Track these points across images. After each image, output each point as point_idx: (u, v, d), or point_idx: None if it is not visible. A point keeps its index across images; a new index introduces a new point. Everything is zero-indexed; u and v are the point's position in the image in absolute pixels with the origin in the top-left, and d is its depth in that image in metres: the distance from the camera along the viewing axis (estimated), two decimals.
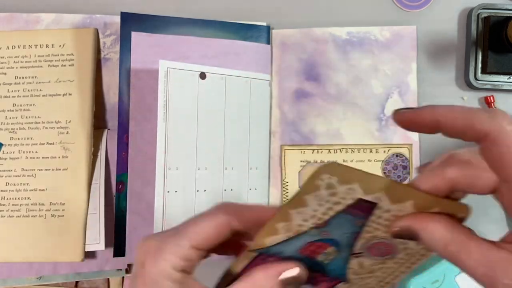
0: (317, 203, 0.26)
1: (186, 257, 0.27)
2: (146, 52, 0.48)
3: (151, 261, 0.27)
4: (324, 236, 0.28)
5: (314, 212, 0.26)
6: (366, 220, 0.26)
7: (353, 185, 0.25)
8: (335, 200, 0.26)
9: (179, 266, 0.27)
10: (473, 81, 0.50)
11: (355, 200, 0.25)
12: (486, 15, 0.50)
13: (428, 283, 0.46)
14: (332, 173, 0.25)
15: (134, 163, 0.47)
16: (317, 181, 0.25)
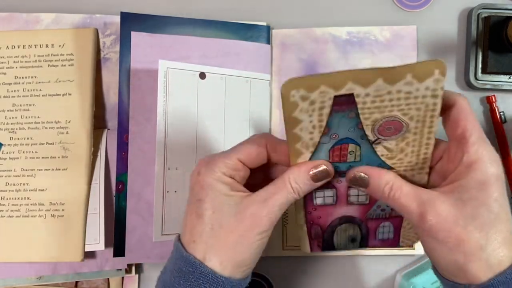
0: (307, 115, 0.29)
1: (234, 167, 0.32)
2: (146, 52, 0.48)
3: (206, 169, 0.32)
4: (336, 138, 0.31)
5: (311, 122, 0.30)
6: (356, 110, 0.29)
7: (321, 89, 0.28)
8: (319, 106, 0.29)
9: (228, 173, 0.32)
10: (473, 81, 0.50)
11: (333, 99, 0.28)
12: (486, 15, 0.50)
13: (428, 283, 0.46)
14: (296, 87, 0.28)
15: (134, 163, 0.47)
16: (291, 99, 0.28)
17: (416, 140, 0.31)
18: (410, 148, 0.32)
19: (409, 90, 0.28)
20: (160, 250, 0.47)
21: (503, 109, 0.51)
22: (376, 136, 0.31)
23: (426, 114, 0.30)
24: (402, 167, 0.33)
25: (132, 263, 0.49)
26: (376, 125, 0.30)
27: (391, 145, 0.31)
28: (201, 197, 0.32)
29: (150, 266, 0.51)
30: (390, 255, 0.51)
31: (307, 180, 0.32)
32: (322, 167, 0.32)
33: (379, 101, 0.29)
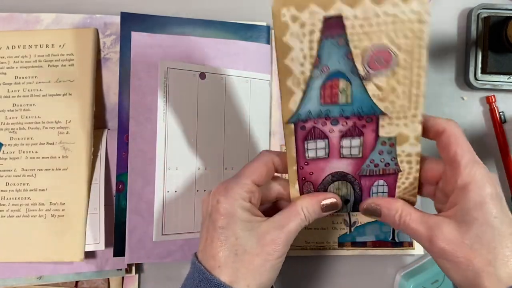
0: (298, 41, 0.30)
1: (251, 190, 0.35)
2: (146, 52, 0.48)
3: (225, 197, 0.34)
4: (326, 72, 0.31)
5: (302, 51, 0.30)
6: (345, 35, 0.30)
7: (311, 8, 0.29)
8: (309, 29, 0.29)
9: (247, 198, 0.34)
10: (473, 81, 0.50)
11: (322, 21, 0.29)
12: (486, 15, 0.50)
13: (428, 283, 0.46)
14: (286, 4, 0.28)
15: (134, 163, 0.47)
16: (282, 19, 0.29)
17: (406, 77, 0.31)
18: (401, 87, 0.31)
19: (395, 12, 0.29)
20: (160, 250, 0.47)
21: (503, 109, 0.51)
22: (366, 70, 0.31)
23: (413, 43, 0.30)
24: (394, 113, 0.32)
25: (132, 263, 0.49)
26: (365, 55, 0.30)
27: (382, 82, 0.31)
28: (223, 225, 0.34)
29: (150, 266, 0.51)
30: (390, 255, 0.51)
31: (318, 210, 0.35)
32: (332, 200, 0.35)
33: (367, 26, 0.29)
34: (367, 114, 0.32)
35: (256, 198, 0.36)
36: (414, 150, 0.34)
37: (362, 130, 0.33)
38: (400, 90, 0.31)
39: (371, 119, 0.33)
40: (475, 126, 0.52)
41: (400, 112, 0.32)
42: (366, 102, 0.32)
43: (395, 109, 0.32)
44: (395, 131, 0.33)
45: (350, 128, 0.33)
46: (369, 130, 0.33)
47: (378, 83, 0.31)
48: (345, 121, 0.33)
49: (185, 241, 0.48)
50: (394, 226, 0.34)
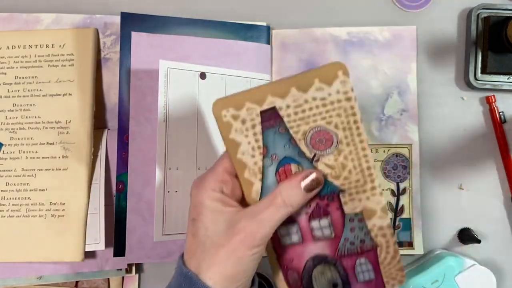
0: (243, 135, 0.32)
1: (221, 179, 0.33)
2: (146, 52, 0.48)
3: (197, 189, 0.33)
4: (277, 160, 0.33)
5: (249, 144, 0.33)
6: (283, 124, 0.32)
7: (247, 105, 0.32)
8: (250, 124, 0.32)
9: (218, 188, 0.33)
10: (473, 81, 0.50)
11: (260, 115, 0.32)
12: (486, 15, 0.50)
13: (428, 283, 0.46)
14: (225, 107, 0.32)
15: (134, 163, 0.47)
16: (224, 120, 0.32)
17: (352, 153, 0.33)
18: (351, 162, 0.33)
19: (322, 96, 0.32)
20: (160, 250, 0.47)
21: (503, 109, 0.51)
22: (313, 152, 0.33)
23: (349, 120, 0.32)
24: (352, 188, 0.33)
25: (132, 263, 0.49)
26: (307, 137, 0.33)
27: (331, 160, 0.33)
28: (195, 216, 0.33)
29: (150, 266, 0.51)
30: None
31: (299, 192, 0.32)
32: (313, 175, 0.32)
33: (301, 112, 0.32)
34: (326, 193, 0.34)
35: (230, 190, 0.33)
36: (385, 223, 0.34)
37: (327, 209, 0.34)
38: (351, 165, 0.33)
39: (332, 197, 0.34)
40: (475, 126, 0.52)
41: (358, 187, 0.33)
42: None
43: (352, 185, 0.33)
44: (359, 206, 0.34)
45: (315, 209, 0.34)
46: (333, 209, 0.34)
47: (327, 162, 0.33)
48: (308, 203, 0.34)
49: None
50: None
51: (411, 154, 0.51)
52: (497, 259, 0.51)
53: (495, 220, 0.51)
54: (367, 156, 0.33)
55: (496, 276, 0.46)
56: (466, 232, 0.50)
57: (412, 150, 0.51)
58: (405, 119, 0.51)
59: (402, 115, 0.51)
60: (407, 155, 0.51)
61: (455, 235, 0.51)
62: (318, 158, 0.33)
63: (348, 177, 0.33)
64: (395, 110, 0.51)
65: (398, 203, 0.51)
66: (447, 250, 0.50)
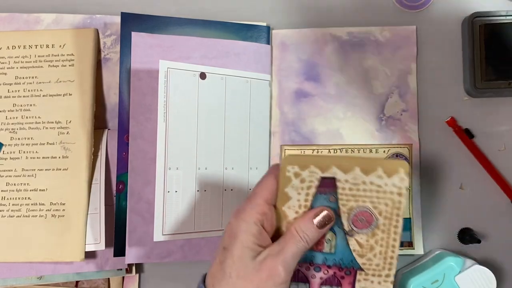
0: (296, 193, 0.35)
1: (261, 211, 0.34)
2: (146, 52, 0.48)
3: (235, 219, 0.34)
4: None
5: (298, 201, 0.35)
6: (336, 194, 0.35)
7: (311, 168, 0.34)
8: (307, 185, 0.34)
9: (258, 220, 0.34)
10: (473, 89, 0.50)
11: (319, 180, 0.34)
12: (481, 23, 0.50)
13: (428, 283, 0.46)
14: (292, 163, 0.34)
15: (134, 163, 0.47)
16: (286, 174, 0.34)
17: (383, 240, 0.35)
18: (379, 247, 0.35)
19: (379, 183, 0.34)
20: (160, 250, 0.47)
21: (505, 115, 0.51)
22: (351, 227, 0.35)
23: (392, 212, 0.34)
24: (370, 270, 0.36)
25: (132, 263, 0.49)
26: (351, 213, 0.35)
27: (363, 239, 0.35)
28: (226, 245, 0.34)
29: (151, 266, 0.51)
30: None
31: (313, 228, 0.34)
32: (324, 212, 0.35)
33: (355, 189, 0.34)
34: (346, 266, 0.36)
35: (270, 220, 0.35)
36: None
37: (340, 280, 0.36)
38: (378, 250, 0.35)
39: (350, 272, 0.36)
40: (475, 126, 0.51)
41: (375, 270, 0.35)
42: (347, 255, 0.36)
43: (371, 267, 0.35)
44: (369, 287, 0.36)
45: (330, 277, 0.36)
46: (346, 282, 0.36)
47: (359, 240, 0.35)
48: (327, 269, 0.36)
49: (185, 241, 0.48)
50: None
51: (411, 154, 0.51)
52: (497, 259, 0.51)
53: (495, 220, 0.51)
54: (395, 248, 0.35)
55: (496, 276, 0.46)
56: (466, 232, 0.50)
57: (412, 150, 0.51)
58: (405, 119, 0.51)
59: (402, 115, 0.51)
60: (407, 155, 0.51)
61: (455, 235, 0.51)
62: (352, 233, 0.35)
63: (371, 259, 0.35)
64: (395, 110, 0.51)
65: None
66: (447, 250, 0.50)
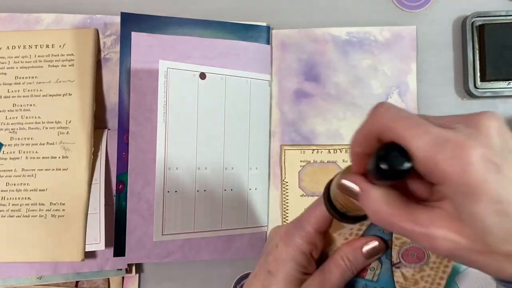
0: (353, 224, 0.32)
1: (312, 241, 0.32)
2: (146, 52, 0.48)
3: (284, 244, 0.32)
4: None
5: (351, 230, 0.33)
6: None
7: None
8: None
9: (307, 250, 0.32)
10: (473, 90, 0.50)
11: None
12: (481, 23, 0.50)
13: None
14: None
15: (134, 163, 0.47)
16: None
17: (430, 276, 0.33)
18: (423, 283, 0.33)
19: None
20: (160, 250, 0.47)
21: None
22: (399, 259, 0.33)
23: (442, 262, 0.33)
24: None
25: (132, 263, 0.49)
26: (403, 248, 0.33)
27: (409, 273, 0.33)
28: (272, 270, 0.32)
29: (151, 266, 0.51)
30: None
31: (360, 257, 0.32)
32: (375, 243, 0.32)
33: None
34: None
35: (318, 250, 0.33)
36: None
37: None
38: (422, 285, 0.33)
39: None
40: None
41: None
42: (389, 285, 0.34)
43: None
44: None
45: None
46: None
47: (405, 273, 0.33)
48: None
49: (185, 241, 0.48)
50: (375, 222, 0.26)
51: None
52: None
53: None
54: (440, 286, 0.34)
55: None
56: None
57: None
58: None
59: None
60: None
61: None
62: (400, 266, 0.33)
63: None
64: None
65: None
66: None
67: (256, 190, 0.51)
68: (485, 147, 0.21)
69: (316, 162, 0.51)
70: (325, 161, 0.51)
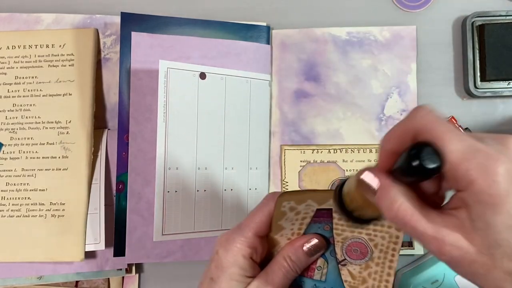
0: (290, 223, 0.33)
1: (252, 245, 0.32)
2: (146, 52, 0.48)
3: (224, 250, 0.32)
4: None
5: (292, 230, 0.34)
6: (331, 224, 0.33)
7: (308, 202, 0.32)
8: (302, 216, 0.33)
9: (247, 254, 0.32)
10: (473, 90, 0.50)
11: (315, 211, 0.33)
12: (481, 23, 0.50)
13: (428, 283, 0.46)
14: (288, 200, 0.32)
15: (134, 163, 0.47)
16: (281, 209, 0.32)
17: (377, 273, 0.33)
18: (371, 281, 0.33)
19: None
20: (160, 250, 0.47)
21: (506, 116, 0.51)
22: (344, 256, 0.34)
23: (389, 246, 0.33)
24: None
25: (132, 263, 0.49)
26: (345, 243, 0.33)
27: (355, 270, 0.34)
28: (214, 277, 0.33)
29: (150, 266, 0.51)
30: None
31: (302, 256, 0.33)
32: (314, 240, 0.33)
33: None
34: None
35: (259, 253, 0.33)
36: None
37: None
38: (370, 283, 0.33)
39: None
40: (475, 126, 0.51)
41: None
42: (338, 285, 0.34)
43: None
44: None
45: None
46: None
47: (351, 271, 0.34)
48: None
49: (185, 241, 0.48)
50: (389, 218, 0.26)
51: None
52: None
53: None
54: (389, 283, 0.33)
55: None
56: None
57: None
58: None
59: (402, 115, 0.51)
60: None
61: None
62: (345, 263, 0.34)
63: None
64: (395, 110, 0.51)
65: None
66: None
67: (256, 190, 0.51)
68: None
69: (316, 162, 0.51)
70: (325, 161, 0.51)
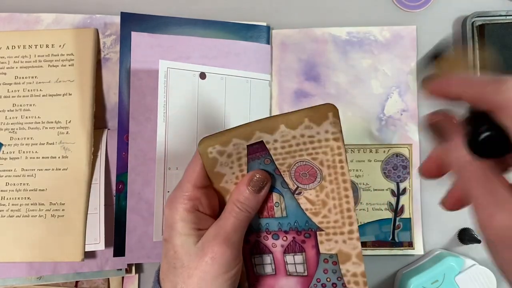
0: (228, 167, 0.32)
1: (193, 197, 0.32)
2: (146, 52, 0.48)
3: (168, 209, 0.32)
4: None
5: (234, 174, 0.32)
6: (269, 156, 0.32)
7: (233, 141, 0.31)
8: (236, 157, 0.32)
9: (191, 207, 0.32)
10: None
11: (247, 149, 0.32)
12: (481, 23, 0.50)
13: (428, 283, 0.46)
14: (211, 144, 0.31)
15: (134, 163, 0.47)
16: (210, 156, 0.31)
17: (334, 191, 0.33)
18: (331, 201, 0.33)
19: (310, 133, 0.31)
20: (160, 250, 0.47)
21: None
22: (296, 184, 0.33)
23: (335, 159, 0.32)
24: (330, 228, 0.33)
25: (132, 263, 0.49)
26: (291, 170, 0.33)
27: (312, 196, 0.33)
28: (165, 237, 0.32)
29: (150, 266, 0.51)
30: (390, 255, 0.51)
31: (249, 194, 0.32)
32: (256, 175, 0.32)
33: (288, 146, 0.32)
34: (303, 229, 0.33)
35: (205, 205, 0.33)
36: (359, 270, 0.33)
37: (302, 245, 0.33)
38: (331, 204, 0.33)
39: (309, 234, 0.33)
40: None
41: (336, 228, 0.33)
42: (300, 216, 0.33)
43: (330, 225, 0.33)
44: (335, 248, 0.33)
45: (291, 243, 0.34)
46: (309, 246, 0.33)
47: (308, 197, 0.33)
48: (285, 235, 0.33)
49: None
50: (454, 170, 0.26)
51: (411, 154, 0.51)
52: None
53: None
54: (349, 198, 0.32)
55: (496, 276, 0.46)
56: (466, 232, 0.50)
57: (412, 150, 0.51)
58: (405, 119, 0.51)
59: (402, 115, 0.51)
60: (407, 155, 0.51)
61: (455, 235, 0.51)
62: (300, 191, 0.33)
63: (327, 215, 0.33)
64: (395, 110, 0.51)
65: (398, 203, 0.51)
66: (447, 250, 0.50)
67: None
68: None
69: None
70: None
